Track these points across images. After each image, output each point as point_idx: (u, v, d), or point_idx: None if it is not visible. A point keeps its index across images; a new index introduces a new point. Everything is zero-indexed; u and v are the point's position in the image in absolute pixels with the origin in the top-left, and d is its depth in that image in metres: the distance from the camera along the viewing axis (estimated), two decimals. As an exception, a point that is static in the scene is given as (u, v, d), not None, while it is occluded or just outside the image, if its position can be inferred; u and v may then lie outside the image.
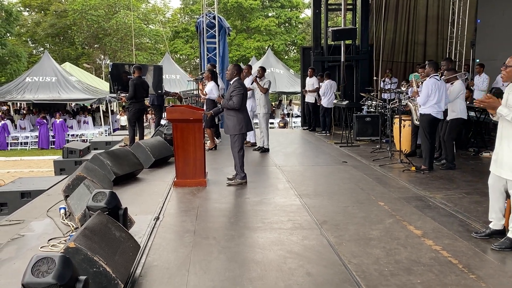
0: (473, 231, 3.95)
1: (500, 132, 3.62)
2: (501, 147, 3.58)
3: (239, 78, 5.87)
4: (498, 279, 3.06)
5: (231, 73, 5.84)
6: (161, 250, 3.66)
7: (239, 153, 5.82)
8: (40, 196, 5.54)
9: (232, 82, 5.80)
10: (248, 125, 5.90)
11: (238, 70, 5.94)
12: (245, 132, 5.92)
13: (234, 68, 5.89)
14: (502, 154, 3.56)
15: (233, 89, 5.73)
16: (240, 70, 6.03)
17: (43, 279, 2.17)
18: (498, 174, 3.60)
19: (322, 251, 3.60)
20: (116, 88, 10.46)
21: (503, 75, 3.57)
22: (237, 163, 5.85)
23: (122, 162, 6.07)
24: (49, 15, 33.40)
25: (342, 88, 11.36)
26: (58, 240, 3.86)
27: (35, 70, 18.85)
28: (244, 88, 5.81)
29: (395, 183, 5.86)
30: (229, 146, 5.98)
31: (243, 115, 5.81)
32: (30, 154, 16.58)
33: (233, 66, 5.93)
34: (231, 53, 29.80)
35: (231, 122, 5.79)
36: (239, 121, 5.75)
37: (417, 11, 13.83)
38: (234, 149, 5.84)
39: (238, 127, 5.76)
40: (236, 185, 5.82)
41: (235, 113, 5.76)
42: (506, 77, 3.56)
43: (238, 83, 5.77)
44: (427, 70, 6.39)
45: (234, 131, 5.78)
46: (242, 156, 5.85)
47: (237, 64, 6.16)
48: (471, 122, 8.15)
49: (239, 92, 5.68)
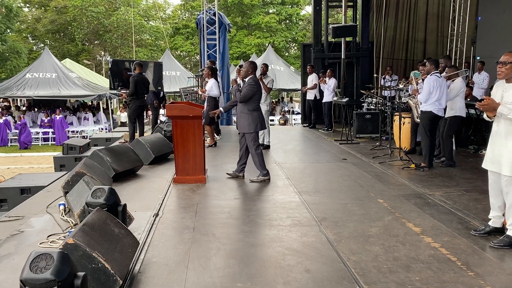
0: (472, 228, 3.96)
1: (496, 130, 3.61)
2: (500, 144, 3.56)
3: (254, 76, 5.82)
4: (497, 277, 3.06)
5: (246, 71, 5.82)
6: (160, 246, 3.66)
7: (256, 151, 5.81)
8: (39, 192, 5.55)
9: (247, 80, 5.78)
10: (262, 123, 5.88)
11: (254, 68, 5.86)
12: (260, 130, 5.88)
13: (250, 65, 5.84)
14: (501, 151, 3.55)
15: (247, 85, 5.73)
16: (256, 68, 5.95)
17: (41, 275, 2.17)
18: (497, 171, 3.60)
19: (321, 248, 3.60)
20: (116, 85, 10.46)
21: (502, 72, 3.52)
22: (256, 161, 5.84)
23: (122, 159, 6.07)
24: (49, 11, 33.37)
25: (342, 85, 11.35)
26: (57, 236, 3.87)
27: (35, 67, 18.81)
28: (258, 86, 5.78)
29: (394, 181, 5.86)
30: (229, 143, 6.00)
31: (257, 113, 5.79)
32: (30, 151, 16.57)
33: (249, 64, 5.89)
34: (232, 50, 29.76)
35: (245, 120, 5.76)
36: (253, 119, 5.74)
37: (418, 9, 13.82)
38: (251, 148, 5.83)
39: (253, 125, 5.74)
40: (259, 182, 5.81)
41: (249, 111, 5.73)
42: (505, 74, 3.52)
43: (253, 81, 5.75)
44: (428, 68, 6.37)
45: (249, 129, 5.76)
46: (260, 153, 5.84)
47: (253, 61, 6.09)
48: (471, 120, 8.14)
49: (251, 89, 5.67)
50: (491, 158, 3.67)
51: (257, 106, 5.82)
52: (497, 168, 3.59)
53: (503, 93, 3.56)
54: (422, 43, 13.99)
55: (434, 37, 13.86)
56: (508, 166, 3.49)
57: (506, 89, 3.55)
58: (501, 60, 3.52)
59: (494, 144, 3.63)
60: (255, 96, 5.75)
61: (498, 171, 3.58)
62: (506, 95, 3.52)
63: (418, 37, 13.95)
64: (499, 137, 3.57)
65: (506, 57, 3.50)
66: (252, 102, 5.76)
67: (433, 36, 13.87)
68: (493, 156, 3.64)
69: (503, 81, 3.60)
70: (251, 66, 5.83)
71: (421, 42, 13.98)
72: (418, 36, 13.94)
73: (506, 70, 3.49)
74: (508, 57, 3.49)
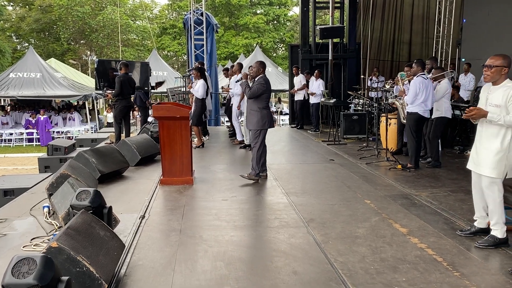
0: (457, 229, 3.99)
1: (480, 131, 3.66)
2: (482, 146, 3.61)
3: (264, 75, 5.89)
4: (482, 277, 3.10)
5: (256, 71, 5.89)
6: (147, 249, 3.62)
7: (258, 149, 5.84)
8: (23, 194, 5.45)
9: (257, 78, 5.85)
10: (271, 122, 5.94)
11: (264, 67, 5.95)
12: (268, 128, 5.92)
13: (260, 65, 5.93)
14: (481, 151, 3.60)
15: (257, 83, 5.80)
16: (265, 68, 6.02)
17: (24, 280, 2.13)
18: (478, 172, 3.65)
19: (308, 249, 3.60)
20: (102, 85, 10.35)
21: (488, 75, 3.55)
22: (253, 157, 5.87)
23: (108, 160, 5.99)
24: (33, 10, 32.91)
25: (329, 87, 11.40)
26: (41, 239, 3.80)
27: (19, 66, 18.50)
28: (267, 86, 5.84)
29: (381, 181, 5.90)
30: (217, 144, 5.98)
31: (266, 111, 5.86)
32: (14, 151, 16.31)
33: (259, 64, 5.97)
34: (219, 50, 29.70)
35: (255, 117, 5.82)
36: (263, 116, 5.79)
37: (404, 10, 13.95)
38: (255, 144, 5.87)
39: (261, 122, 5.80)
40: (247, 179, 5.82)
41: (259, 109, 5.80)
42: (490, 78, 3.55)
43: (263, 80, 5.81)
44: (415, 69, 6.43)
45: (257, 126, 5.82)
46: (261, 152, 5.86)
47: (262, 61, 6.16)
48: (456, 121, 8.24)
49: (261, 87, 5.74)
50: (474, 159, 3.71)
51: (266, 104, 5.90)
52: (478, 169, 3.64)
53: (488, 95, 3.62)
54: (408, 45, 14.13)
55: (420, 39, 14.01)
56: (487, 167, 3.54)
57: (491, 91, 3.59)
58: (487, 63, 3.55)
59: (478, 146, 3.68)
60: (264, 94, 5.82)
61: (479, 172, 3.63)
62: (491, 97, 3.57)
63: (404, 38, 14.09)
64: (482, 138, 3.63)
65: (492, 61, 3.54)
66: (262, 100, 5.83)
67: (419, 37, 14.03)
68: (476, 157, 3.69)
69: (489, 84, 3.64)
70: (261, 65, 5.95)
71: (406, 44, 14.12)
72: (403, 37, 14.08)
73: (491, 73, 3.53)
74: (494, 60, 3.53)
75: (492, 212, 3.60)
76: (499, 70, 3.50)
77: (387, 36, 14.04)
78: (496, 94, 3.53)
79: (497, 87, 3.55)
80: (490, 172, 3.52)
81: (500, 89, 3.51)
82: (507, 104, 3.43)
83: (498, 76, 3.52)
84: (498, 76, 3.52)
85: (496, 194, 3.53)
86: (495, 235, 3.59)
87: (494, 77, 3.53)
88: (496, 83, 3.56)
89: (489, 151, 3.54)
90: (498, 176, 3.50)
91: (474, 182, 3.78)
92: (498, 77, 3.52)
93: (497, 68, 3.49)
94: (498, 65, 3.49)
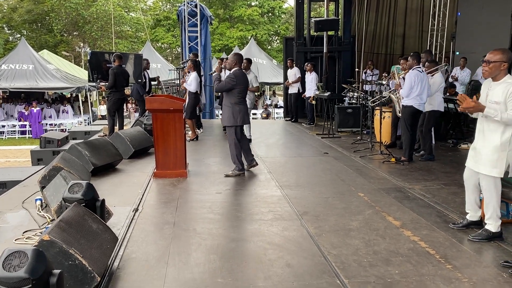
0: (450, 222, 4.02)
1: (479, 128, 3.62)
2: (480, 142, 3.59)
3: (239, 69, 5.70)
4: (474, 269, 3.12)
5: (230, 63, 5.71)
6: (140, 242, 3.61)
7: (234, 146, 5.76)
8: (15, 187, 5.41)
9: (230, 72, 5.70)
10: (245, 118, 5.77)
11: (239, 59, 5.73)
12: (241, 124, 5.78)
13: (234, 57, 5.74)
14: (480, 149, 3.58)
15: (227, 77, 5.68)
16: (241, 60, 5.82)
17: (15, 273, 2.11)
18: (477, 170, 3.62)
19: (302, 242, 3.61)
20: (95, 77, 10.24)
21: (486, 71, 3.49)
22: (233, 154, 5.81)
23: (101, 153, 5.96)
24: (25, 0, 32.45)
25: (324, 79, 11.38)
26: (33, 232, 3.78)
27: (11, 58, 18.27)
28: (238, 80, 5.63)
29: (375, 174, 5.91)
30: (211, 137, 5.96)
31: (239, 108, 5.68)
32: (7, 144, 16.18)
33: (233, 55, 5.80)
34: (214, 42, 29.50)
35: (226, 113, 5.72)
36: (234, 112, 5.66)
37: (398, 3, 13.92)
38: (230, 140, 5.80)
39: (233, 118, 5.67)
40: (234, 176, 5.76)
41: (231, 104, 5.66)
42: (488, 73, 3.49)
43: (234, 74, 5.63)
44: (410, 62, 6.42)
45: (229, 122, 5.71)
46: (235, 147, 5.77)
47: (238, 53, 5.96)
48: (450, 114, 8.26)
49: (229, 82, 5.60)
50: (472, 155, 3.68)
51: (239, 99, 5.71)
52: (478, 168, 3.59)
53: (488, 91, 3.54)
54: (402, 38, 14.11)
55: (414, 32, 13.99)
56: (487, 166, 3.50)
57: (492, 87, 3.52)
58: (485, 58, 3.47)
59: (478, 144, 3.65)
60: (235, 89, 5.64)
61: (479, 171, 3.58)
62: (491, 94, 3.50)
63: (398, 31, 14.07)
64: (482, 136, 3.58)
65: (490, 56, 3.46)
66: (233, 95, 5.66)
67: (413, 30, 14.01)
68: (475, 155, 3.65)
69: (490, 79, 3.57)
70: (235, 58, 5.73)
71: (400, 37, 14.10)
72: (398, 30, 14.06)
73: (490, 69, 3.45)
74: (492, 55, 3.45)
75: (487, 206, 3.59)
76: (497, 66, 3.42)
77: (382, 29, 14.01)
78: (496, 90, 3.46)
79: (497, 83, 3.47)
80: (490, 171, 3.49)
81: (500, 85, 3.44)
82: (506, 101, 3.36)
83: (497, 72, 3.45)
84: (497, 71, 3.44)
85: (493, 190, 3.52)
86: (489, 229, 3.60)
87: (493, 73, 3.46)
88: (496, 78, 3.49)
89: (489, 149, 3.49)
90: (499, 175, 3.47)
91: (467, 176, 3.78)
92: (497, 72, 3.45)
93: (496, 64, 3.42)
94: (496, 60, 3.42)
